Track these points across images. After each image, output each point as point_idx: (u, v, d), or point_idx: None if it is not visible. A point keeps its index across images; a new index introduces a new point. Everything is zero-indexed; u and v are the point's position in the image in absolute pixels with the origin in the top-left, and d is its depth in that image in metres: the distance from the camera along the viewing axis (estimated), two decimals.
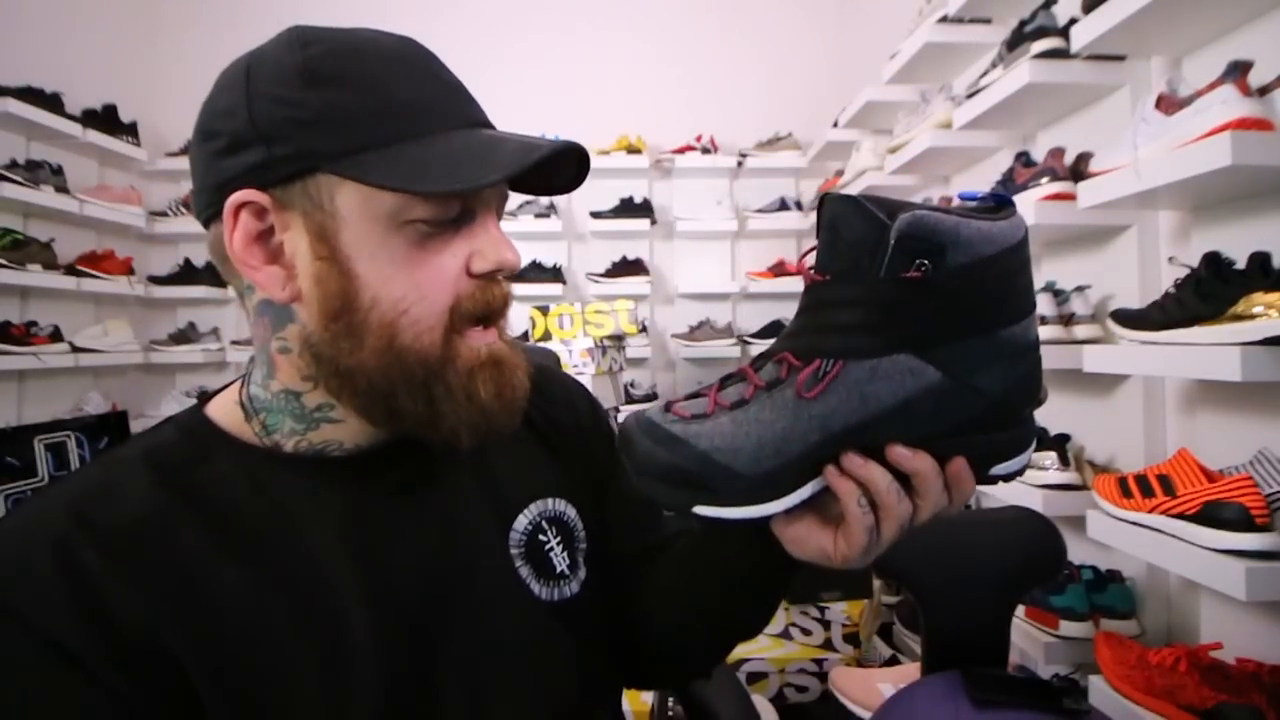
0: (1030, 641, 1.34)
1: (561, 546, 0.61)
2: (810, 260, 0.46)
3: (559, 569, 0.60)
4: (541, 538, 0.60)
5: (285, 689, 0.47)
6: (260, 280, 0.50)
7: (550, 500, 0.63)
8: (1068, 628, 1.30)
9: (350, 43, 0.49)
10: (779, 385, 0.45)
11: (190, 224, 3.17)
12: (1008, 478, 0.47)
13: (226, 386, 0.58)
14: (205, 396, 0.58)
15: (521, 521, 0.60)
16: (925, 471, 0.43)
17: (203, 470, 0.51)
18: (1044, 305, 1.43)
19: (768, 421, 0.44)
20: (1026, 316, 0.45)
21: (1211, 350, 0.95)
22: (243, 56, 0.50)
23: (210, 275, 3.22)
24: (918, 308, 0.42)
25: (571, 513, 0.64)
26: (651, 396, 3.15)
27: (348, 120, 0.47)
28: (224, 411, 0.55)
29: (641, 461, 0.46)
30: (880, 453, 0.43)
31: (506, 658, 0.55)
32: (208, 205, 0.50)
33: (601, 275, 3.22)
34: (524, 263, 3.15)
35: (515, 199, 3.22)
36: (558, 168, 0.55)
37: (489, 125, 0.53)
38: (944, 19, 1.90)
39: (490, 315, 0.52)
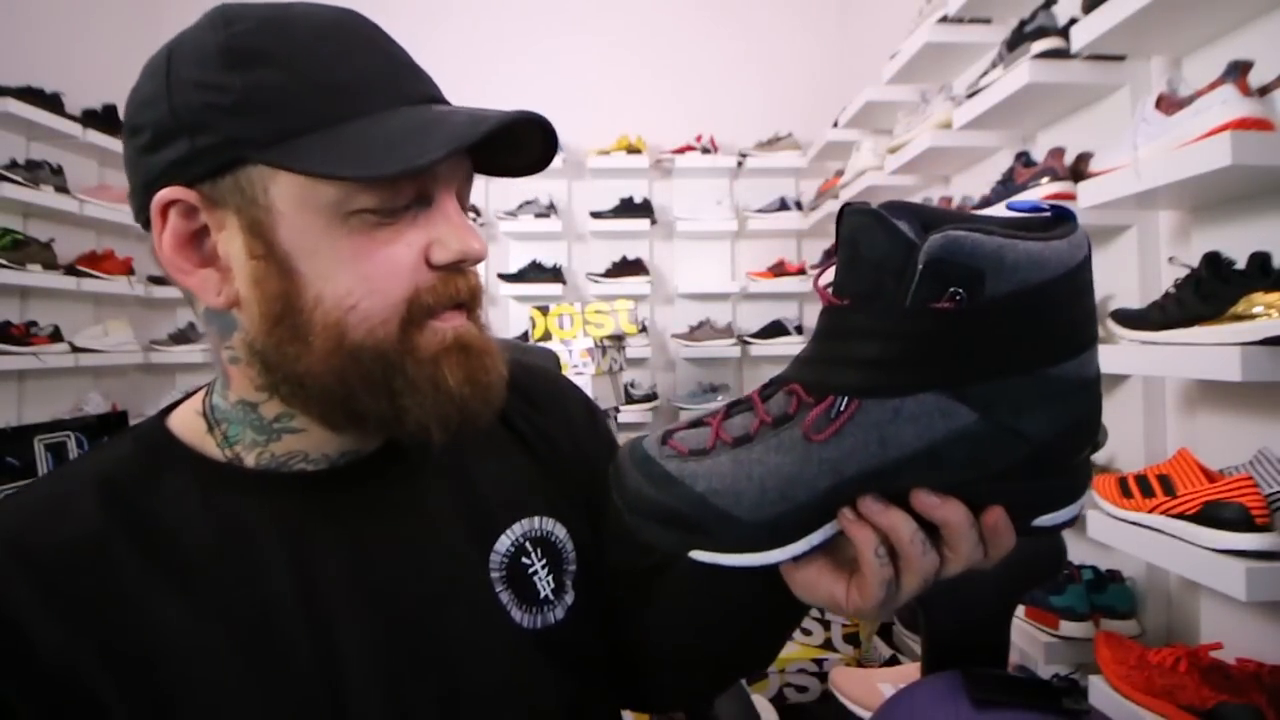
0: (1030, 641, 1.34)
1: (546, 569, 0.56)
2: (828, 278, 0.40)
3: (542, 594, 0.55)
4: (525, 560, 0.56)
5: None
6: (194, 286, 0.46)
7: (536, 519, 0.58)
8: (1068, 628, 1.30)
9: (278, 17, 0.44)
10: (787, 423, 0.40)
11: None
12: (1055, 528, 0.40)
13: (191, 395, 0.54)
14: (167, 407, 0.54)
15: (503, 543, 0.55)
16: (957, 522, 0.38)
17: (154, 489, 0.48)
18: None
19: (772, 464, 0.39)
20: (1085, 350, 0.38)
21: (1211, 350, 0.95)
22: (167, 42, 0.46)
23: None
24: (951, 342, 0.36)
25: (560, 532, 0.59)
26: (651, 396, 3.16)
27: (275, 103, 0.42)
28: (185, 422, 0.52)
29: (633, 499, 0.42)
30: (904, 497, 0.38)
31: (483, 692, 0.50)
32: (140, 208, 0.46)
33: (601, 275, 3.22)
34: (524, 263, 3.13)
35: (515, 199, 3.23)
36: (523, 143, 0.49)
37: (440, 100, 0.48)
38: (944, 19, 1.90)
39: (457, 306, 0.48)
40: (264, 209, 0.44)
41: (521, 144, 0.49)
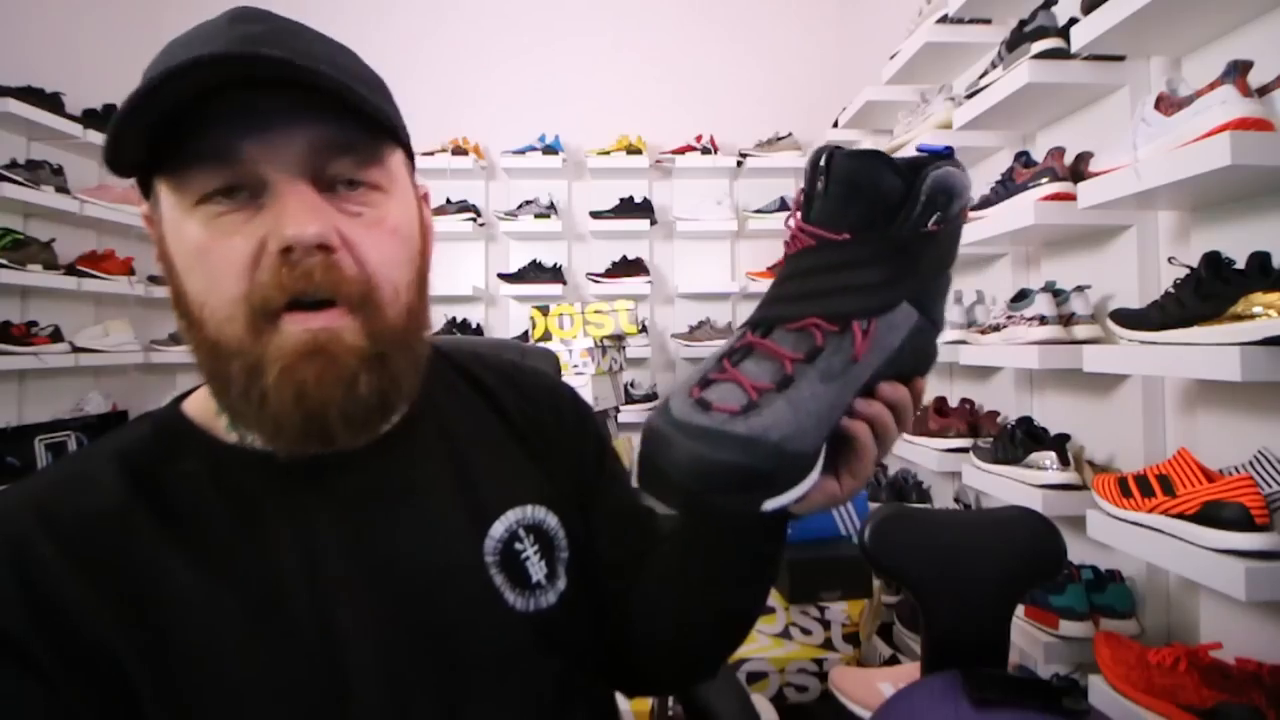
0: (1030, 641, 1.34)
1: (539, 555, 0.58)
2: (796, 219, 0.46)
3: (535, 579, 0.57)
4: (518, 546, 0.57)
5: (231, 697, 0.45)
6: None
7: (529, 507, 0.59)
8: (1068, 628, 1.30)
9: (173, 40, 0.47)
10: (819, 354, 0.43)
11: None
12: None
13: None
14: (186, 392, 0.57)
15: (498, 529, 0.57)
16: (905, 400, 0.48)
17: (169, 468, 0.50)
18: (1044, 305, 1.43)
19: (820, 394, 0.43)
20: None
21: (1211, 350, 0.95)
22: None
23: None
24: (924, 258, 0.45)
25: (552, 520, 0.60)
26: (652, 396, 3.15)
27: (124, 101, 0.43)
28: (199, 406, 0.54)
29: (698, 473, 0.40)
30: (870, 392, 0.46)
31: (479, 669, 0.52)
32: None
33: (601, 275, 3.22)
34: (524, 263, 3.12)
35: (515, 199, 3.23)
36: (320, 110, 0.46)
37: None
38: (944, 19, 1.90)
39: (308, 301, 0.45)
40: (159, 212, 0.48)
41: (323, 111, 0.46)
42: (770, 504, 0.41)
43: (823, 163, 0.44)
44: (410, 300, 0.52)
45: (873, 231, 0.43)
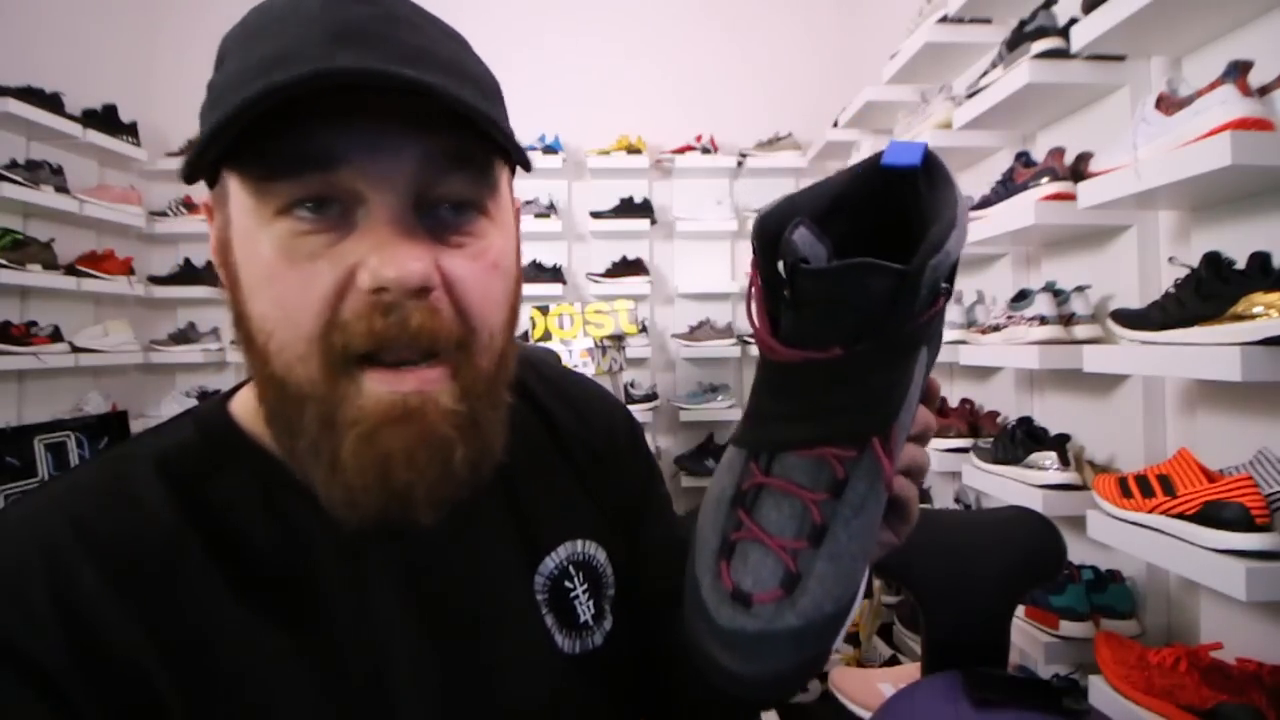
0: (1030, 641, 1.34)
1: (587, 594, 0.55)
2: (764, 333, 0.38)
3: (583, 619, 0.54)
4: (567, 584, 0.54)
5: None
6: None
7: (580, 543, 0.56)
8: (1068, 628, 1.30)
9: (258, 10, 0.41)
10: (844, 488, 0.37)
11: (190, 224, 3.17)
12: None
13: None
14: (235, 386, 0.52)
15: (548, 565, 0.54)
16: (931, 424, 0.44)
17: (218, 484, 0.45)
18: (1044, 305, 1.43)
19: (857, 532, 0.37)
20: None
21: (1211, 350, 0.95)
22: None
23: (210, 275, 3.22)
24: (933, 328, 0.39)
25: (601, 556, 0.57)
26: (652, 396, 3.15)
27: (217, 96, 0.39)
28: (248, 409, 0.48)
29: (753, 687, 0.37)
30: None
31: (525, 713, 0.49)
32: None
33: (601, 275, 3.22)
34: (524, 262, 3.16)
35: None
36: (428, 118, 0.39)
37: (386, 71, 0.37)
38: (944, 19, 1.90)
39: (394, 357, 0.39)
40: (227, 212, 0.42)
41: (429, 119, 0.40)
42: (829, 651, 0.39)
43: (784, 273, 0.35)
44: (502, 344, 0.45)
45: (869, 341, 0.36)
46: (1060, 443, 1.41)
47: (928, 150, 0.37)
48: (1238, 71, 0.98)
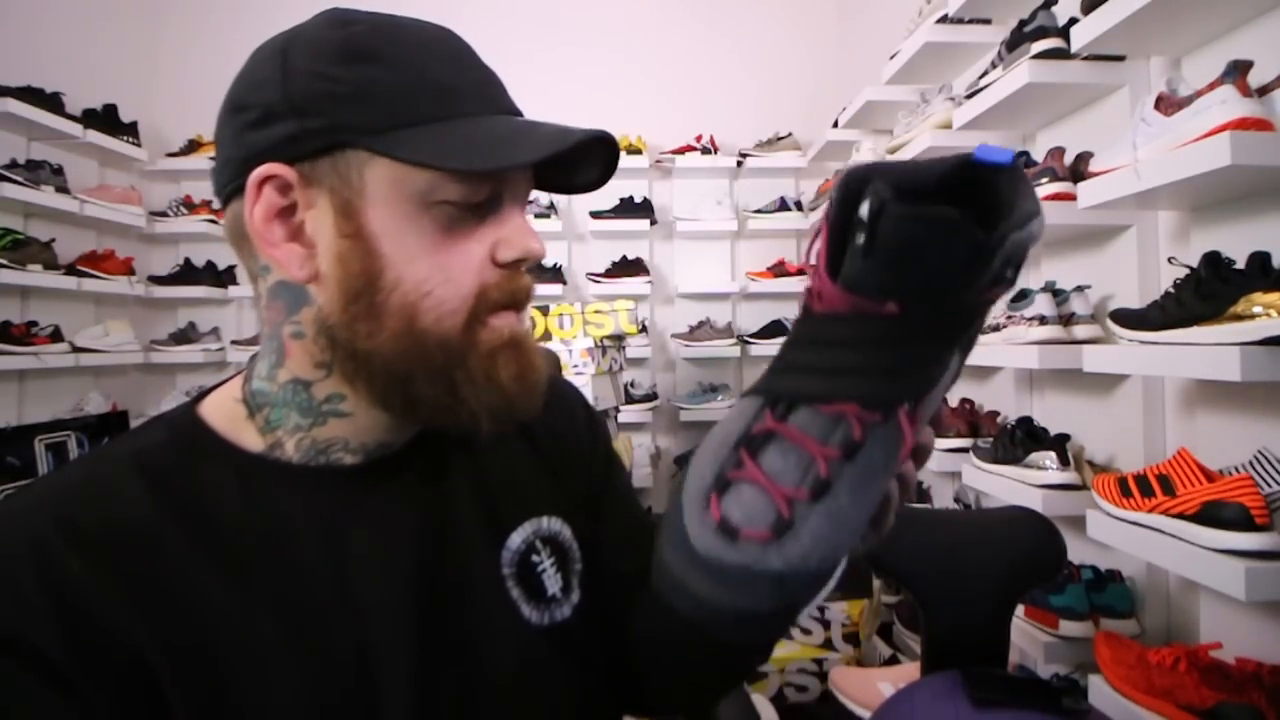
0: (1030, 641, 1.34)
1: (555, 568, 0.58)
2: (821, 271, 0.36)
3: (550, 591, 0.57)
4: (534, 558, 0.58)
5: (266, 713, 0.45)
6: (278, 258, 0.48)
7: (545, 519, 0.60)
8: (1068, 627, 1.30)
9: (391, 24, 0.48)
10: (859, 451, 0.36)
11: (190, 224, 3.17)
12: None
13: (221, 384, 0.55)
14: (198, 395, 0.55)
15: (515, 540, 0.57)
16: (931, 441, 0.45)
17: (193, 476, 0.49)
18: (1044, 305, 1.43)
19: (861, 500, 0.37)
20: None
21: (1211, 350, 0.95)
22: (280, 34, 0.49)
23: (210, 275, 3.22)
24: (981, 317, 0.38)
25: (567, 532, 0.61)
26: (652, 396, 3.16)
27: (383, 97, 0.46)
28: (220, 411, 0.53)
29: (719, 620, 0.36)
30: None
31: (498, 684, 0.52)
32: (231, 179, 0.48)
33: (601, 275, 3.22)
34: None
35: None
36: (584, 162, 0.53)
37: (520, 115, 0.52)
38: (944, 19, 1.90)
39: (515, 305, 0.51)
40: (357, 191, 0.47)
41: (583, 164, 0.53)
42: (804, 613, 0.38)
43: (866, 214, 0.33)
44: None
45: (927, 305, 0.35)
46: (1060, 443, 1.41)
47: (1015, 155, 0.37)
48: (1237, 71, 0.98)
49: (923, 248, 0.33)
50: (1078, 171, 1.39)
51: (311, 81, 0.46)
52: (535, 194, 0.56)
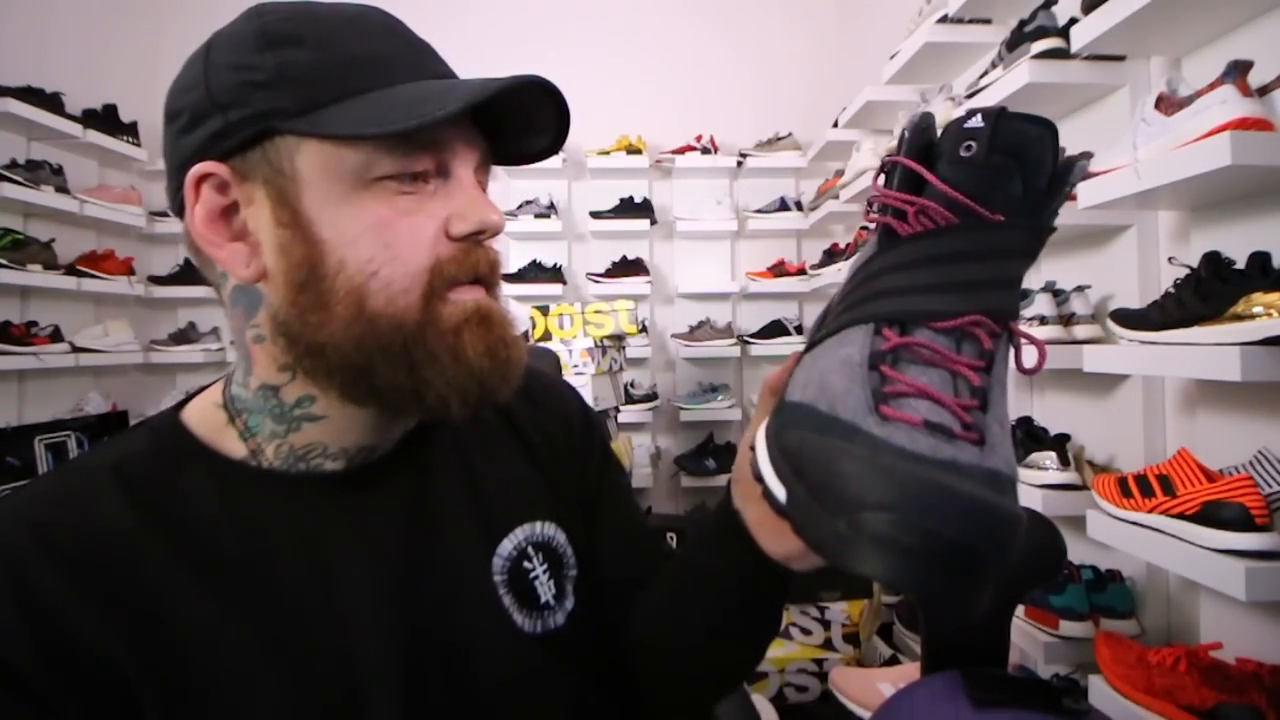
0: (1030, 641, 1.34)
1: (548, 574, 0.57)
2: (938, 183, 0.37)
3: (543, 599, 0.56)
4: (526, 564, 0.56)
5: None
6: (223, 259, 0.47)
7: (539, 524, 0.58)
8: (1068, 628, 1.30)
9: (307, 7, 0.47)
10: (994, 361, 0.36)
11: None
12: None
13: (206, 388, 0.54)
14: (183, 400, 0.54)
15: (506, 546, 0.56)
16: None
17: (173, 487, 0.48)
18: (1044, 305, 1.43)
19: (1004, 410, 0.36)
20: None
21: (1211, 350, 0.95)
22: (209, 37, 0.49)
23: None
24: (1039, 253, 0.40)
25: (561, 537, 0.59)
26: (652, 396, 3.15)
27: (303, 77, 0.44)
28: (202, 416, 0.52)
29: (980, 531, 0.30)
30: None
31: (489, 693, 0.51)
32: (176, 190, 0.48)
33: (601, 275, 3.22)
34: (524, 263, 3.12)
35: (515, 199, 3.22)
36: (536, 124, 0.50)
37: (454, 78, 0.50)
38: (944, 19, 1.90)
39: (478, 279, 0.49)
40: (289, 178, 0.45)
41: (534, 125, 0.50)
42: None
43: (982, 123, 0.36)
44: None
45: (1024, 216, 0.36)
46: (1060, 443, 1.41)
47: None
48: (1237, 71, 0.98)
49: (1030, 154, 0.36)
50: None
51: (231, 74, 0.45)
52: (535, 193, 0.55)
